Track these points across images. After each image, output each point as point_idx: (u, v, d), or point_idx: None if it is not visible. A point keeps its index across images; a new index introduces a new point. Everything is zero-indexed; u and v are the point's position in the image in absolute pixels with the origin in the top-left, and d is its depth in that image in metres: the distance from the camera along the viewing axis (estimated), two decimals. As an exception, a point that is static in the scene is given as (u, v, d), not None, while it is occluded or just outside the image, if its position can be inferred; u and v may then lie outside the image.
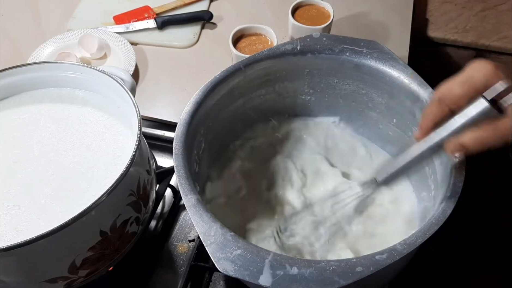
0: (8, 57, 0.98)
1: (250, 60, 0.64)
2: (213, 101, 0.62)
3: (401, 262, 0.51)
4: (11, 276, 0.53)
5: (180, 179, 0.53)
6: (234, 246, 0.46)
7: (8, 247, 0.46)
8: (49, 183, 0.57)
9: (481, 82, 0.44)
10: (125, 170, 0.52)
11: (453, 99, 0.46)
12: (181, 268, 0.67)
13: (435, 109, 0.48)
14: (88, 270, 0.56)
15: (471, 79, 0.45)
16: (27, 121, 0.64)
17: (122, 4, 1.06)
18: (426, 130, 0.49)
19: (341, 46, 0.65)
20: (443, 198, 0.51)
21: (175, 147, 0.56)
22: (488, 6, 1.16)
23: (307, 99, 0.72)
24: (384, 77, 0.63)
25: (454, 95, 0.46)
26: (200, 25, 1.02)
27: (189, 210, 0.50)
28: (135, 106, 0.57)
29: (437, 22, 1.14)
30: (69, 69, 0.65)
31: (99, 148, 0.60)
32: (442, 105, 0.47)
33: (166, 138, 0.80)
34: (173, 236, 0.71)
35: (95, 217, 0.51)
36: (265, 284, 0.44)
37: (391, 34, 0.99)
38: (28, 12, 1.09)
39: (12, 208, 0.55)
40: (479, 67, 0.45)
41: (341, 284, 0.44)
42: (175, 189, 0.74)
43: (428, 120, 0.49)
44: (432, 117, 0.48)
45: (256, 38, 0.87)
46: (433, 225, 0.47)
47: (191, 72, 0.95)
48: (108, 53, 0.96)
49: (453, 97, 0.46)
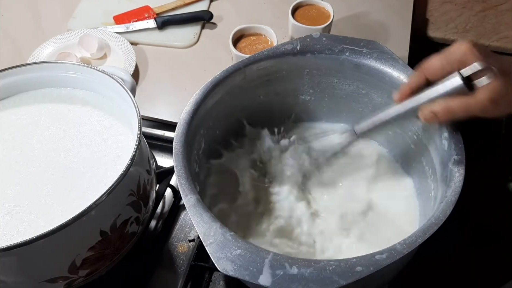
0: (8, 57, 0.98)
1: (250, 60, 0.64)
2: (213, 101, 0.62)
3: (401, 262, 0.51)
4: (11, 276, 0.53)
5: (180, 179, 0.53)
6: (234, 246, 0.47)
7: (8, 247, 0.46)
8: (49, 183, 0.57)
9: (458, 58, 0.49)
10: (125, 170, 0.52)
11: (431, 71, 0.52)
12: (181, 268, 0.67)
13: (415, 77, 0.54)
14: (88, 270, 0.56)
15: (450, 55, 0.51)
16: (27, 121, 0.64)
17: (122, 4, 1.06)
18: (404, 95, 0.55)
19: (341, 46, 0.65)
20: (443, 198, 0.51)
21: (175, 147, 0.56)
22: (488, 6, 1.16)
23: (307, 99, 0.72)
24: (384, 77, 0.63)
25: (432, 67, 0.52)
26: (200, 25, 1.03)
27: (189, 210, 0.50)
28: (135, 106, 0.57)
29: (437, 22, 1.14)
30: (69, 69, 0.65)
31: (99, 148, 0.60)
32: (421, 75, 0.53)
33: (166, 138, 0.80)
34: (173, 236, 0.71)
35: (95, 217, 0.51)
36: (265, 284, 0.44)
37: (391, 34, 0.99)
38: (28, 12, 1.09)
39: (12, 208, 0.55)
40: (460, 45, 0.50)
41: (340, 283, 0.44)
42: (175, 189, 0.74)
43: (407, 86, 0.55)
44: (410, 83, 0.54)
45: (256, 38, 0.87)
46: (433, 225, 0.48)
47: (191, 72, 0.95)
48: (108, 53, 0.96)
49: (432, 69, 0.52)
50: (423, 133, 0.62)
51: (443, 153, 0.56)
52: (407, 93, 0.55)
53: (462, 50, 0.49)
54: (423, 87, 0.53)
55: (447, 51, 0.51)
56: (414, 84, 0.54)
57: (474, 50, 0.49)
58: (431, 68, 0.52)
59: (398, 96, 0.56)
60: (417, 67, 0.54)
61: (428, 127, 0.60)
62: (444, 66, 0.51)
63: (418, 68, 0.54)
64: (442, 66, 0.51)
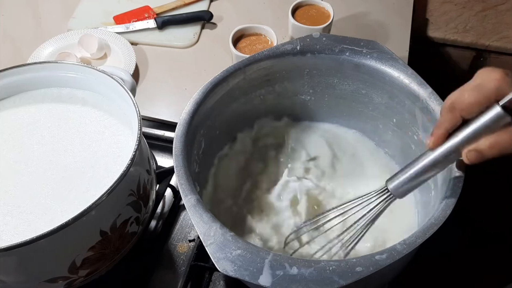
0: (8, 57, 0.98)
1: (250, 60, 0.64)
2: (213, 101, 0.62)
3: (401, 262, 0.51)
4: (11, 276, 0.53)
5: (180, 179, 0.53)
6: (234, 246, 0.47)
7: (8, 247, 0.46)
8: (49, 183, 0.57)
9: (492, 89, 0.44)
10: (125, 170, 0.52)
11: (465, 107, 0.46)
12: (181, 268, 0.67)
13: (448, 116, 0.48)
14: (88, 270, 0.56)
15: (482, 87, 0.45)
16: (27, 121, 0.64)
17: (122, 4, 1.06)
18: (439, 138, 0.49)
19: (341, 46, 0.65)
20: (443, 198, 0.51)
21: (175, 147, 0.56)
22: (488, 6, 1.16)
23: (307, 99, 0.72)
24: (384, 77, 0.63)
25: (466, 103, 0.46)
26: (200, 25, 1.02)
27: (189, 210, 0.50)
28: (135, 106, 0.57)
29: (437, 22, 1.14)
30: (69, 69, 0.65)
31: (99, 148, 0.60)
32: (454, 113, 0.47)
33: (166, 138, 0.80)
34: (173, 236, 0.71)
35: (95, 217, 0.51)
36: (265, 284, 0.44)
37: (391, 34, 0.99)
38: (28, 12, 1.09)
39: (12, 208, 0.55)
40: (489, 74, 0.45)
41: (340, 284, 0.44)
42: (175, 189, 0.74)
43: (442, 128, 0.48)
44: (445, 124, 0.48)
45: (256, 38, 0.87)
46: (433, 225, 0.47)
47: (191, 72, 0.95)
48: (108, 53, 0.96)
49: (465, 105, 0.46)
50: (423, 133, 0.62)
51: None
52: (443, 137, 0.48)
53: (495, 81, 0.44)
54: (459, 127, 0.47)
55: (477, 82, 0.46)
56: (449, 126, 0.48)
57: (508, 79, 0.44)
58: (465, 105, 0.46)
59: (433, 141, 0.49)
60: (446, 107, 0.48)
61: (428, 127, 0.60)
62: (481, 101, 0.45)
63: (448, 107, 0.47)
64: (479, 102, 0.45)
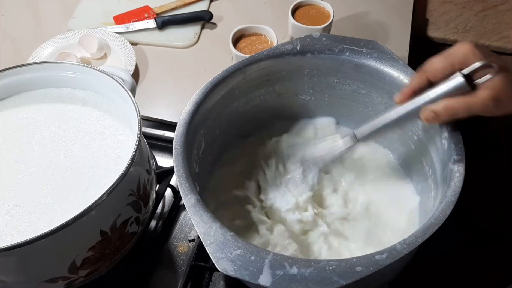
0: (8, 57, 0.98)
1: (250, 60, 0.64)
2: (213, 101, 0.62)
3: (401, 262, 0.51)
4: (11, 276, 0.53)
5: (180, 179, 0.53)
6: (234, 246, 0.47)
7: (8, 247, 0.46)
8: (49, 183, 0.57)
9: (459, 58, 0.50)
10: (125, 170, 0.52)
11: (433, 72, 0.52)
12: (181, 268, 0.67)
13: (416, 77, 0.54)
14: (88, 270, 0.56)
15: (451, 55, 0.51)
16: (27, 121, 0.64)
17: (122, 4, 1.06)
18: (405, 96, 0.55)
19: (341, 46, 0.65)
20: (443, 198, 0.51)
21: (175, 147, 0.56)
22: (488, 6, 1.16)
23: (307, 99, 0.72)
24: (384, 77, 0.63)
25: (434, 68, 0.52)
26: (200, 25, 1.02)
27: (189, 210, 0.50)
28: (135, 106, 0.57)
29: (437, 22, 1.14)
30: (69, 69, 0.65)
31: (99, 148, 0.60)
32: (422, 75, 0.53)
33: (166, 138, 0.80)
34: (173, 236, 0.71)
35: (95, 217, 0.51)
36: (265, 284, 0.44)
37: (391, 34, 0.99)
38: (28, 12, 1.09)
39: (12, 208, 0.55)
40: (461, 45, 0.50)
41: (340, 283, 0.44)
42: (175, 189, 0.74)
43: (409, 88, 0.55)
44: (412, 85, 0.54)
45: (256, 38, 0.87)
46: (433, 225, 0.47)
47: (191, 72, 0.95)
48: (108, 53, 0.96)
49: (433, 70, 0.52)
50: (423, 133, 0.62)
51: (443, 153, 0.56)
52: (408, 94, 0.54)
53: (463, 51, 0.50)
54: (425, 88, 0.53)
55: (448, 52, 0.51)
56: (415, 86, 0.54)
57: (476, 51, 0.49)
58: (432, 69, 0.52)
59: (400, 98, 0.55)
60: (418, 68, 0.54)
61: (428, 127, 0.60)
62: (446, 66, 0.51)
63: (419, 69, 0.54)
64: (444, 67, 0.51)
